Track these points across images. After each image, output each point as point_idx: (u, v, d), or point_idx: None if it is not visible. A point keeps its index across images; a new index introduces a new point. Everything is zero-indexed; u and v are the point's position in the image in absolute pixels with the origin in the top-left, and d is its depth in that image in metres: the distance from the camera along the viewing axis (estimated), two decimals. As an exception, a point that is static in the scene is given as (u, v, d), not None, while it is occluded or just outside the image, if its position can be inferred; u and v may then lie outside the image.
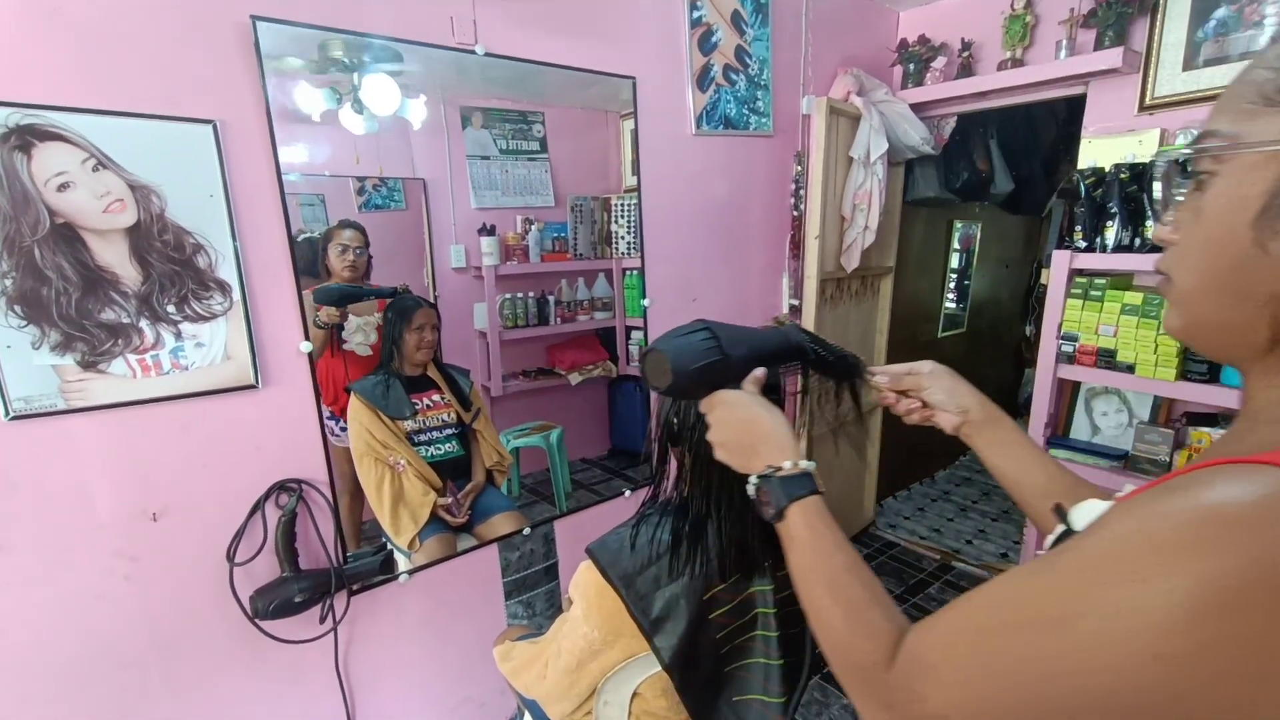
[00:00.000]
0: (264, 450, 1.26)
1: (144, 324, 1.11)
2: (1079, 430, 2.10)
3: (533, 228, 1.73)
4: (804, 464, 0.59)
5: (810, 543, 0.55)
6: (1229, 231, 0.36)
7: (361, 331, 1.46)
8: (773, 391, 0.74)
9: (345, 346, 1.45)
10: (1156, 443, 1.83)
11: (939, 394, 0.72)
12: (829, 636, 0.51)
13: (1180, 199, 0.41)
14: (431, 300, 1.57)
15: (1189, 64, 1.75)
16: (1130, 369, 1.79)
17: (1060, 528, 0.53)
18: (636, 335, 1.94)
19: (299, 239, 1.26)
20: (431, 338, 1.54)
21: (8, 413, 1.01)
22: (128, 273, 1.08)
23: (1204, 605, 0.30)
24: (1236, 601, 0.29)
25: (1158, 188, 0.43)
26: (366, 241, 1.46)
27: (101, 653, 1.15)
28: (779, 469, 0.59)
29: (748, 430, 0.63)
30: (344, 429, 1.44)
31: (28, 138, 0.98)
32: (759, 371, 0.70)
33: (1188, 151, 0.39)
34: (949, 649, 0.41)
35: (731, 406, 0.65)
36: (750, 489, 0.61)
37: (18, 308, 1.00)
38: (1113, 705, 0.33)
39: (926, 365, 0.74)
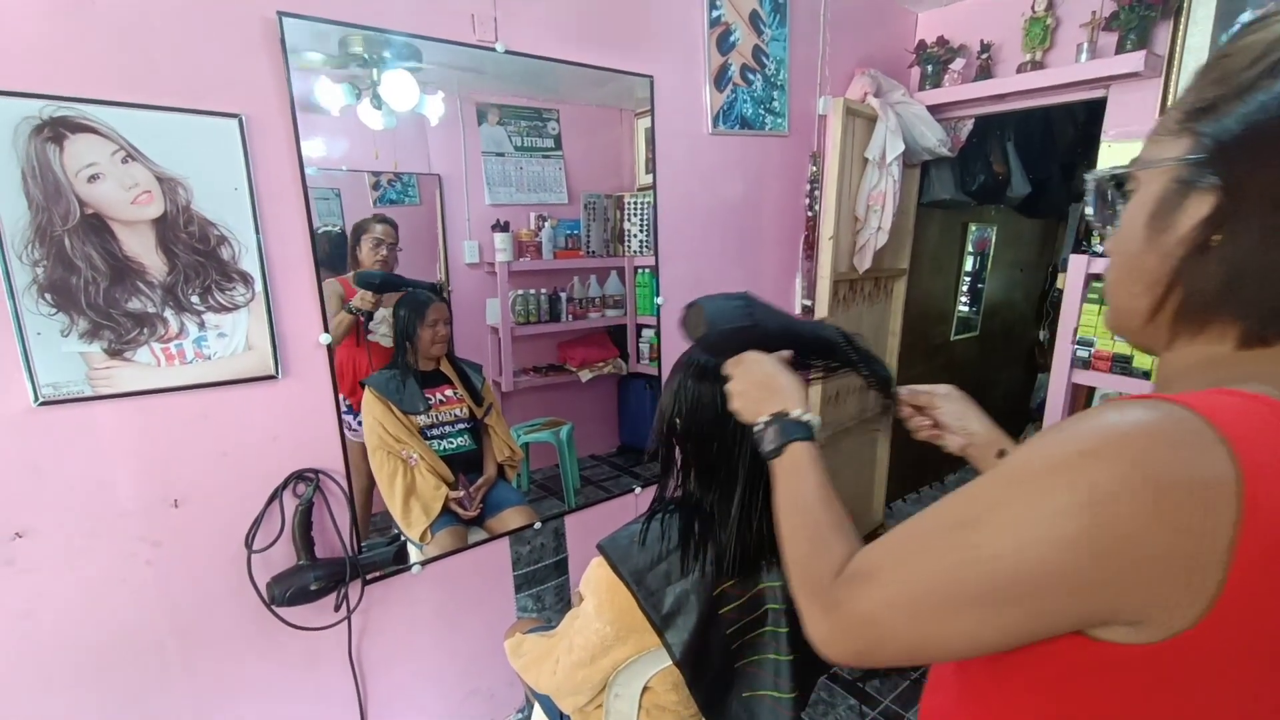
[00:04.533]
0: (282, 440, 1.28)
1: (169, 313, 1.13)
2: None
3: (546, 224, 1.74)
4: (810, 416, 0.66)
5: (795, 478, 0.62)
6: (1132, 231, 0.45)
7: (387, 323, 1.47)
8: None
9: (370, 337, 1.46)
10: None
11: (948, 416, 0.79)
12: (793, 554, 0.57)
13: (1107, 217, 0.50)
14: (444, 295, 1.59)
15: (1212, 68, 1.74)
16: (1146, 375, 1.77)
17: None
18: (648, 334, 1.95)
19: (320, 232, 1.28)
20: (445, 332, 1.56)
21: (37, 398, 1.03)
22: (154, 263, 1.10)
23: (1082, 501, 0.36)
24: (1109, 499, 0.35)
25: (1089, 206, 0.51)
26: (397, 237, 1.48)
27: (123, 637, 1.17)
28: (787, 414, 0.65)
29: (766, 383, 0.69)
30: (361, 422, 1.46)
31: (60, 129, 1.00)
32: (786, 353, 0.75)
33: (1105, 171, 0.49)
34: (884, 556, 0.48)
35: (757, 363, 0.71)
36: (757, 427, 0.67)
37: (48, 296, 1.02)
38: (1012, 591, 0.39)
39: (944, 389, 0.81)
